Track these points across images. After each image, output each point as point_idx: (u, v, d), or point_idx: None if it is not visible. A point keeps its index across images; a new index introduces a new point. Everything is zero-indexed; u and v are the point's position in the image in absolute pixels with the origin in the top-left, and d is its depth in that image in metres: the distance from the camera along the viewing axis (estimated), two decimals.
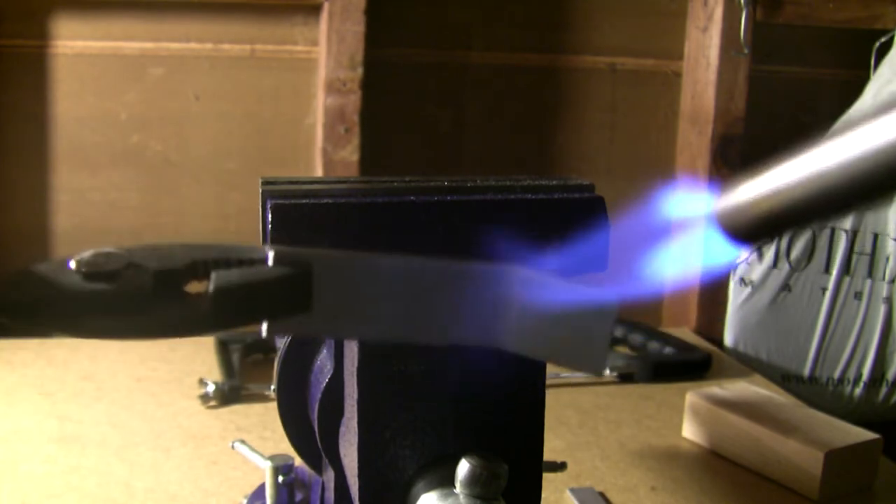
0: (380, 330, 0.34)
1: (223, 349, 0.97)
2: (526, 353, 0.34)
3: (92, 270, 0.29)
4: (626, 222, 0.38)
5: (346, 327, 0.33)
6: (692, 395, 0.82)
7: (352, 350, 0.43)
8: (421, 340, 0.34)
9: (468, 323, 0.34)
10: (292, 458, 0.62)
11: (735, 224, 0.30)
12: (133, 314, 0.29)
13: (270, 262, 0.31)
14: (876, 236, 1.13)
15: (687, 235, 0.33)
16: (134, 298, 0.29)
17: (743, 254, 1.14)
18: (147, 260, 0.30)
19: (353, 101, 1.09)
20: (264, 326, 0.32)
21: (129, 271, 0.29)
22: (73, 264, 0.29)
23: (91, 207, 1.11)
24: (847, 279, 1.14)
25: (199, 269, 0.30)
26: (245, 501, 0.65)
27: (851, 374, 1.15)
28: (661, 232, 0.35)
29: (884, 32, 1.17)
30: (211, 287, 0.29)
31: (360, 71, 1.08)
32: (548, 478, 0.50)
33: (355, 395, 0.42)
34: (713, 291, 1.18)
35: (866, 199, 0.26)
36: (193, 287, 0.30)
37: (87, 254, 0.29)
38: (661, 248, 0.35)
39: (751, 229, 0.29)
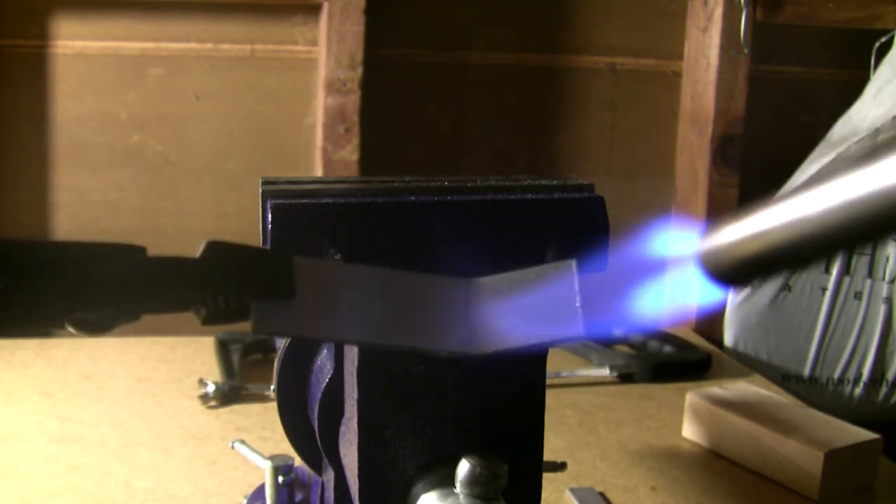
0: (359, 332, 0.35)
1: (223, 349, 0.97)
2: (505, 347, 0.35)
3: None
4: (618, 258, 0.38)
5: (327, 327, 0.34)
6: (692, 395, 0.82)
7: (352, 350, 0.43)
8: (398, 344, 0.35)
9: (442, 330, 0.35)
10: (292, 458, 0.62)
11: (717, 266, 0.30)
12: (132, 269, 0.32)
13: None
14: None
15: (679, 273, 0.33)
16: (132, 251, 0.33)
17: (730, 294, 1.13)
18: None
19: (353, 101, 1.09)
20: (252, 312, 0.33)
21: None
22: None
23: (91, 207, 1.11)
24: (847, 279, 1.14)
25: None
26: (245, 501, 0.65)
27: (851, 374, 1.15)
28: (654, 269, 0.35)
29: (884, 32, 1.17)
30: (202, 246, 0.33)
31: (360, 71, 1.08)
32: (548, 478, 0.50)
33: (355, 395, 0.42)
34: None
35: (847, 245, 0.26)
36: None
37: None
38: (653, 285, 0.36)
39: (733, 271, 0.30)
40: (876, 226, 0.25)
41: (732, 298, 1.16)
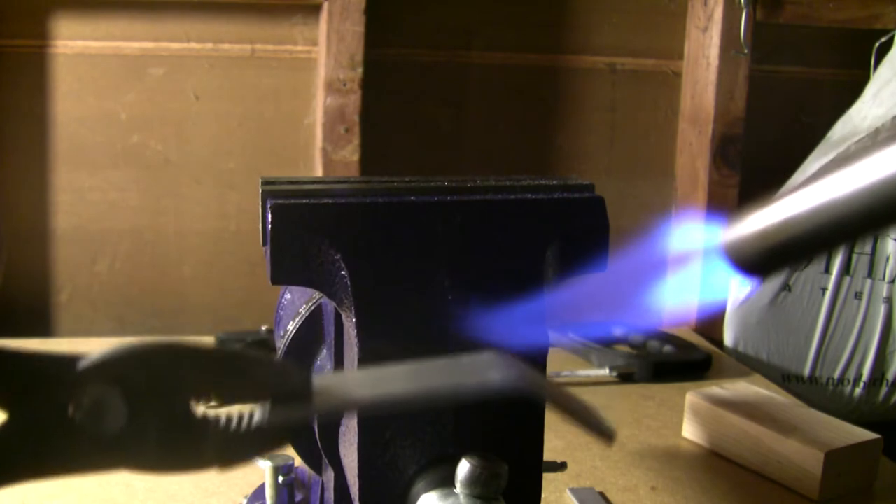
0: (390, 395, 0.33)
1: None
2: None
3: (94, 431, 0.29)
4: (627, 255, 0.38)
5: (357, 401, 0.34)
6: (692, 395, 0.82)
7: (352, 350, 0.43)
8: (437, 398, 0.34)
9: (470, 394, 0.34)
10: (292, 458, 0.62)
11: (745, 255, 0.29)
12: (140, 465, 0.30)
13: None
14: (876, 236, 1.13)
15: (687, 268, 0.33)
16: (139, 458, 0.30)
17: (748, 286, 1.13)
18: (148, 407, 0.30)
19: (353, 101, 1.09)
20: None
21: (132, 429, 0.29)
22: (71, 411, 0.29)
23: (91, 207, 1.11)
24: (847, 279, 1.14)
25: (203, 398, 0.31)
26: (245, 501, 0.65)
27: (851, 374, 1.15)
28: (662, 265, 0.35)
29: (884, 32, 1.17)
30: (212, 444, 0.30)
31: (360, 71, 1.08)
32: (548, 478, 0.50)
33: None
34: None
35: (881, 227, 0.25)
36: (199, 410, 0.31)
37: (85, 400, 0.29)
38: (661, 281, 0.35)
39: (761, 260, 0.29)
40: None
41: (733, 299, 1.16)
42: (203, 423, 0.30)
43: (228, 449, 0.30)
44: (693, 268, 0.32)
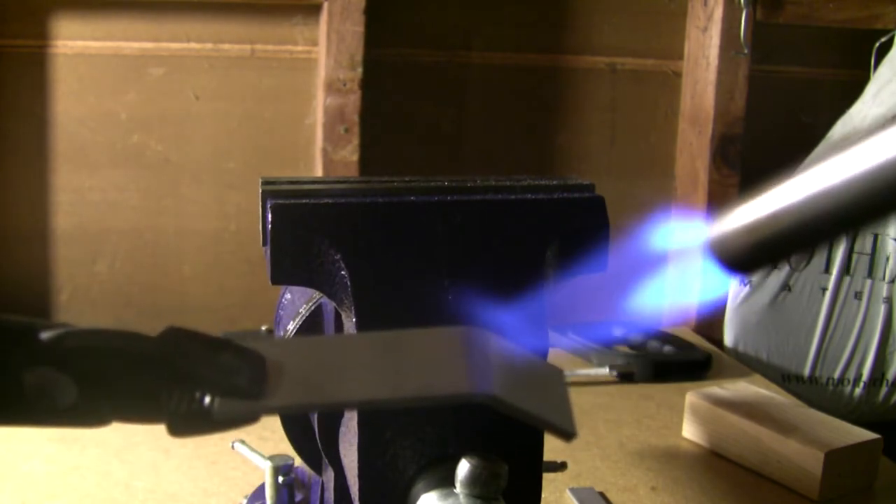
0: (353, 396, 0.33)
1: None
2: (501, 409, 0.34)
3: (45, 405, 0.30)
4: (621, 254, 0.37)
5: (308, 398, 0.33)
6: (692, 395, 0.82)
7: None
8: (398, 402, 0.34)
9: (440, 377, 0.34)
10: (292, 458, 0.62)
11: (731, 252, 0.28)
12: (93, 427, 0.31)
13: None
14: (876, 236, 1.13)
15: (682, 267, 0.32)
16: (93, 423, 0.31)
17: (738, 283, 1.12)
18: (99, 390, 0.31)
19: (353, 101, 1.09)
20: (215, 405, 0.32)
21: (84, 404, 0.31)
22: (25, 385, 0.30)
23: (91, 207, 1.11)
24: (847, 279, 1.14)
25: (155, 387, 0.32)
26: (245, 501, 0.65)
27: (851, 374, 1.15)
28: (657, 264, 0.34)
29: (884, 32, 1.17)
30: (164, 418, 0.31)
31: (360, 71, 1.08)
32: (548, 478, 0.50)
33: None
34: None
35: (870, 219, 0.24)
36: None
37: (35, 380, 0.30)
38: (656, 281, 0.35)
39: (747, 257, 0.28)
40: None
41: (733, 298, 1.16)
42: (154, 403, 0.31)
43: (179, 424, 0.31)
44: (690, 267, 0.31)
